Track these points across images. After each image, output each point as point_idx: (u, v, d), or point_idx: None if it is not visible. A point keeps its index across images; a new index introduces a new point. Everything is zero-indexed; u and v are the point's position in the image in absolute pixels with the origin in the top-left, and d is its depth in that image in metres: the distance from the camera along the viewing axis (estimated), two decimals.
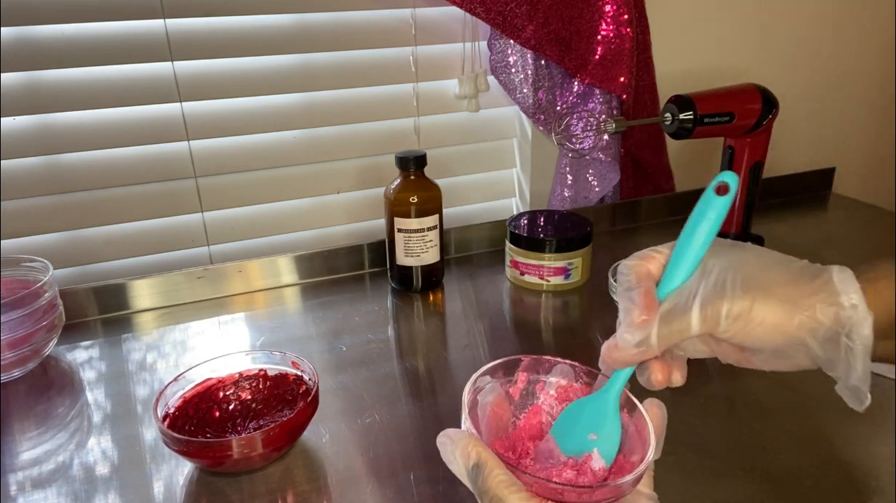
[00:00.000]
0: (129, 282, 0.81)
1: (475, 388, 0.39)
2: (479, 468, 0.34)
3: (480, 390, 0.40)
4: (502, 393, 0.41)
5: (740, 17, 1.10)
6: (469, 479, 0.35)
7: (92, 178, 0.82)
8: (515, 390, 0.41)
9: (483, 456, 0.34)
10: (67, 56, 0.76)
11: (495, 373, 0.41)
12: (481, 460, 0.34)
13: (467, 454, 0.34)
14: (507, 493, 0.33)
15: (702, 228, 0.36)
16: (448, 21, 0.92)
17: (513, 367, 0.41)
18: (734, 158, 0.89)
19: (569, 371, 0.41)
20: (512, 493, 0.33)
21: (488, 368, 0.40)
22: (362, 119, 0.93)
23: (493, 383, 0.41)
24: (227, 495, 0.52)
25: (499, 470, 0.33)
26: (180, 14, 0.78)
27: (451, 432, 0.36)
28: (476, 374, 0.40)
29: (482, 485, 0.33)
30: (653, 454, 0.35)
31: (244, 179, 0.90)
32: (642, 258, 0.37)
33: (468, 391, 0.38)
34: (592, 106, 0.97)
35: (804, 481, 0.52)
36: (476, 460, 0.34)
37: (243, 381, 0.61)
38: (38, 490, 0.53)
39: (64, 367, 0.71)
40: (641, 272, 0.37)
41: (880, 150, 1.32)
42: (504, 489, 0.33)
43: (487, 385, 0.40)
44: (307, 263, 0.89)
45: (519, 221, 0.88)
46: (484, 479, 0.33)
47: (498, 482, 0.33)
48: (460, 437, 0.35)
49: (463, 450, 0.35)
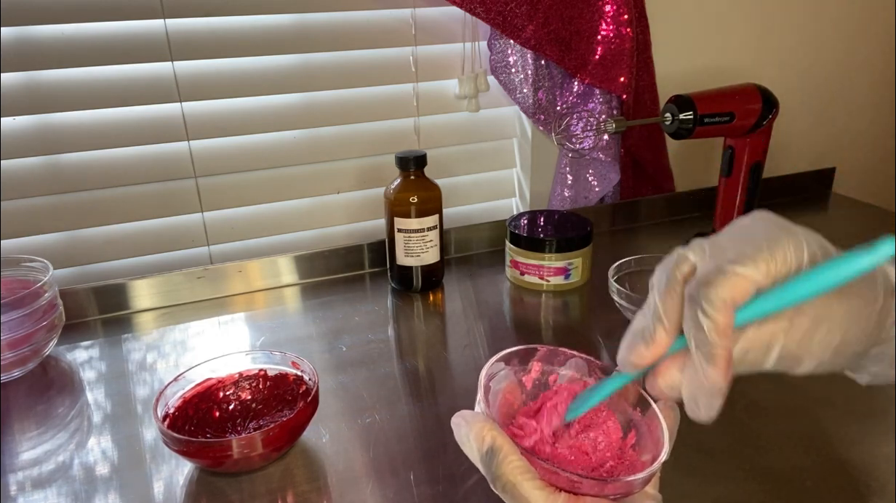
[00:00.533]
0: (129, 282, 0.81)
1: (489, 374, 0.39)
2: (494, 453, 0.33)
3: (493, 376, 0.40)
4: (515, 381, 0.41)
5: (740, 17, 1.10)
6: (482, 463, 0.34)
7: (92, 178, 0.82)
8: (528, 379, 0.41)
9: (498, 440, 0.34)
10: (67, 56, 0.76)
11: (510, 360, 0.41)
12: (496, 445, 0.33)
13: (482, 438, 0.34)
14: (521, 480, 0.32)
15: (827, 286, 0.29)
16: (448, 21, 0.92)
17: (528, 356, 0.41)
18: (734, 158, 0.89)
19: (583, 365, 0.41)
20: (526, 481, 0.32)
21: (504, 355, 0.40)
22: (362, 119, 0.93)
23: (506, 370, 0.41)
24: (227, 495, 0.52)
25: (514, 456, 0.33)
26: (180, 14, 0.78)
27: (466, 413, 0.36)
28: (492, 359, 0.39)
29: (496, 470, 0.33)
30: (665, 455, 0.35)
31: (244, 179, 0.90)
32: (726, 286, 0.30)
33: (484, 375, 0.38)
34: (592, 106, 0.97)
35: (804, 481, 0.52)
36: (491, 444, 0.34)
37: (243, 381, 0.61)
38: (38, 490, 0.53)
39: (64, 367, 0.71)
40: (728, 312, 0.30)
41: (880, 150, 1.32)
42: (518, 475, 0.32)
43: (501, 372, 0.40)
44: (307, 263, 0.89)
45: (519, 221, 0.88)
46: (498, 464, 0.33)
47: (513, 468, 0.33)
48: (476, 420, 0.35)
49: (477, 433, 0.34)
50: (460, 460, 0.54)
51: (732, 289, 0.30)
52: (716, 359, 0.30)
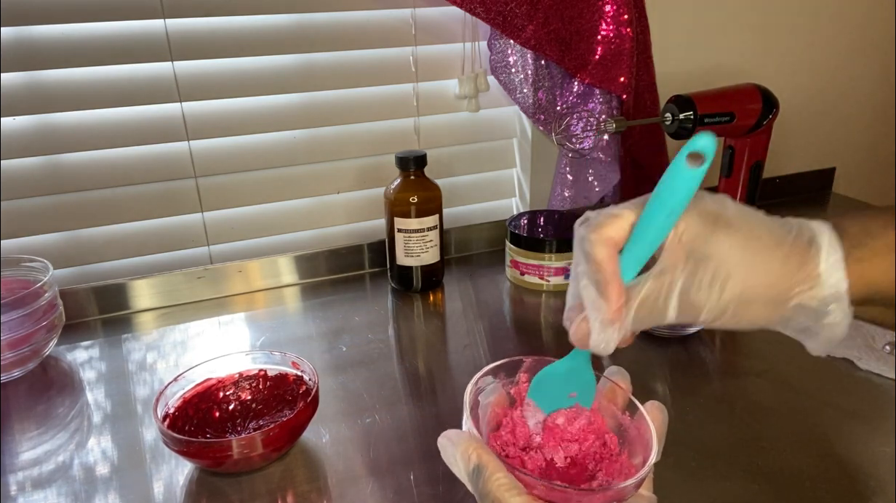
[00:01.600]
0: (129, 282, 0.81)
1: (476, 389, 0.39)
2: (480, 470, 0.34)
3: (482, 391, 0.40)
4: (504, 394, 0.41)
5: (740, 17, 1.10)
6: (470, 482, 0.35)
7: (92, 178, 0.82)
8: (517, 391, 0.41)
9: (484, 458, 0.34)
10: (67, 56, 0.76)
11: (497, 373, 0.41)
12: (482, 463, 0.34)
13: (468, 457, 0.34)
14: (507, 497, 0.32)
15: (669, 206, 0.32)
16: (448, 21, 0.92)
17: (515, 368, 0.41)
18: (734, 158, 0.89)
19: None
20: (513, 497, 0.32)
21: (490, 369, 0.40)
22: (362, 119, 0.93)
23: (494, 384, 0.41)
24: (227, 495, 0.52)
25: (499, 473, 0.33)
26: (180, 14, 0.78)
27: (451, 434, 0.36)
28: (478, 375, 0.40)
29: (483, 488, 0.33)
30: (655, 458, 0.35)
31: (244, 179, 0.90)
32: (603, 226, 0.34)
33: (469, 392, 0.38)
34: (592, 106, 0.97)
35: (804, 481, 0.52)
36: (477, 462, 0.34)
37: (243, 382, 0.61)
38: (38, 490, 0.53)
39: (64, 367, 0.71)
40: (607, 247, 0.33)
41: (880, 150, 1.32)
42: (505, 492, 0.33)
43: (489, 386, 0.40)
44: (307, 263, 0.89)
45: (519, 221, 0.88)
46: (485, 482, 0.33)
47: (499, 485, 0.33)
48: (461, 439, 0.35)
49: (463, 452, 0.34)
50: None
51: (609, 226, 0.34)
52: (602, 286, 0.33)
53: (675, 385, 0.65)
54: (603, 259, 0.33)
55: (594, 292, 0.33)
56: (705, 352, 0.71)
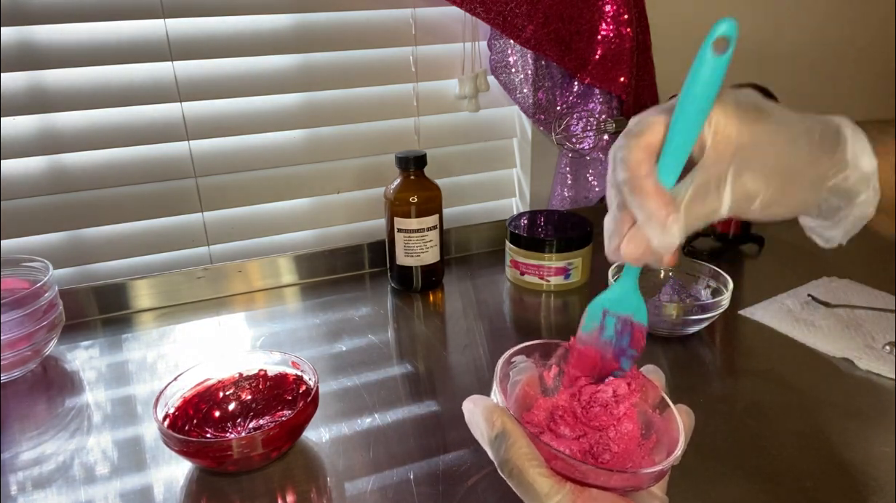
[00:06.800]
0: (129, 282, 0.81)
1: (508, 362, 0.39)
2: (503, 437, 0.34)
3: (514, 366, 0.40)
4: (536, 374, 0.41)
5: (740, 18, 1.09)
6: (491, 447, 0.34)
7: (92, 178, 0.82)
8: (549, 375, 0.41)
9: (508, 426, 0.34)
10: (67, 56, 0.76)
11: (531, 353, 0.40)
12: (506, 429, 0.34)
13: (492, 422, 0.34)
14: (528, 466, 0.32)
15: (701, 96, 0.32)
16: (448, 21, 0.92)
17: (550, 352, 0.41)
18: None
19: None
20: (533, 468, 0.32)
21: (524, 347, 0.40)
22: (362, 119, 0.93)
23: (528, 362, 0.40)
24: (227, 495, 0.52)
25: (522, 441, 0.33)
26: (180, 14, 0.78)
27: (477, 398, 0.36)
28: (512, 349, 0.39)
29: (504, 454, 0.33)
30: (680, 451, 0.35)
31: (244, 179, 0.90)
32: (635, 133, 0.34)
33: (501, 364, 0.38)
34: (592, 106, 0.97)
35: (804, 481, 0.52)
36: (501, 429, 0.34)
37: (243, 381, 0.61)
38: (38, 490, 0.53)
39: (64, 367, 0.71)
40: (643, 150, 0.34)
41: None
42: (525, 461, 0.33)
43: (522, 363, 0.40)
44: (307, 263, 0.89)
45: (519, 221, 0.88)
46: (507, 449, 0.33)
47: (521, 454, 0.33)
48: (487, 404, 0.35)
49: (488, 417, 0.34)
50: (460, 460, 0.54)
51: (641, 134, 0.34)
52: (644, 185, 0.33)
53: (675, 385, 0.65)
54: (639, 160, 0.34)
55: (641, 195, 0.33)
56: (705, 352, 0.71)
